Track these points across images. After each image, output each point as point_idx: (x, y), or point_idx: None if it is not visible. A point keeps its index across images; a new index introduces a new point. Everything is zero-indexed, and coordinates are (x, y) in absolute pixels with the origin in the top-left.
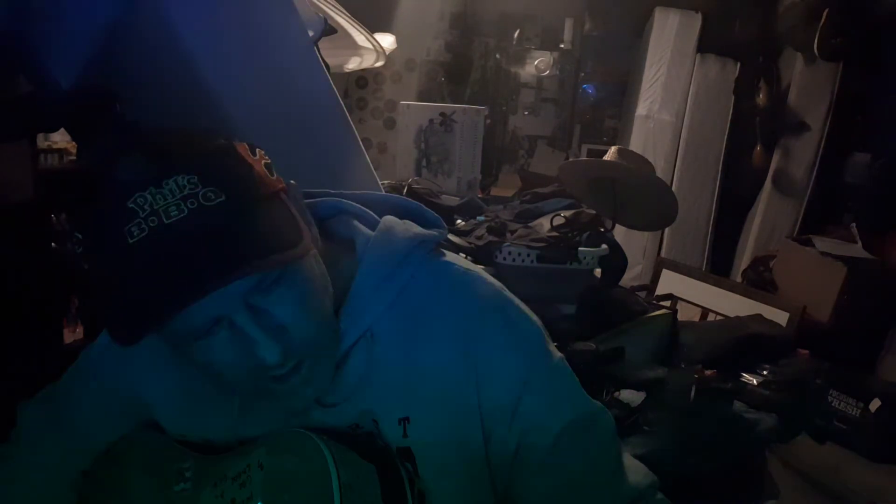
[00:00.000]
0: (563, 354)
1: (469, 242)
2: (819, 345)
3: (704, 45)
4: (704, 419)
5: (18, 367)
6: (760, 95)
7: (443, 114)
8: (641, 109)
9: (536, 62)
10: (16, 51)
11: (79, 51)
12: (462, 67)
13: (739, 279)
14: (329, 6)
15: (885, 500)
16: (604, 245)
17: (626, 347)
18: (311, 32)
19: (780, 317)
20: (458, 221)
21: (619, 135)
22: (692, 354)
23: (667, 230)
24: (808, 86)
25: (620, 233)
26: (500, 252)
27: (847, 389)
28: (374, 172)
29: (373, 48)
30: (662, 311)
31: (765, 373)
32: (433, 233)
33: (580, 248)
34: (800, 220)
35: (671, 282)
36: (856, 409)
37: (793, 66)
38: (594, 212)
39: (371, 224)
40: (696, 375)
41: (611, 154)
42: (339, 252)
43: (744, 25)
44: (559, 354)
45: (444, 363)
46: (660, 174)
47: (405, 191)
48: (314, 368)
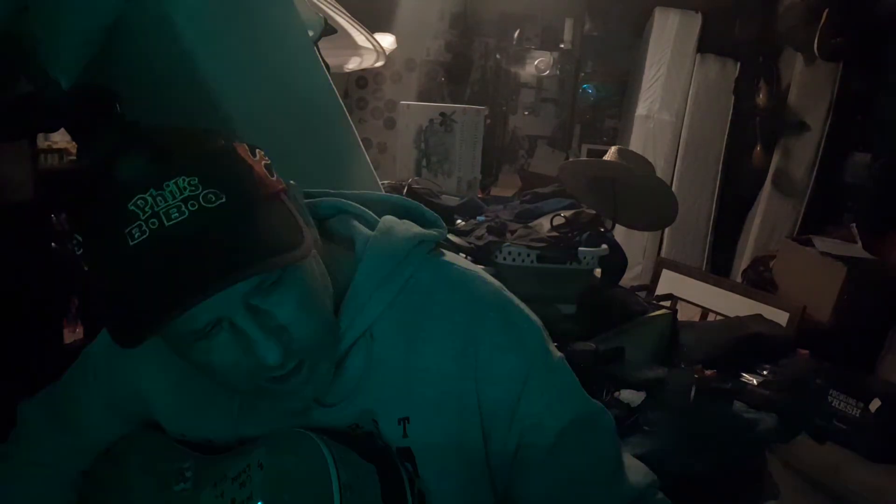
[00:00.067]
0: (563, 354)
1: (469, 242)
2: (819, 345)
3: (704, 45)
4: (704, 419)
5: (18, 367)
6: (760, 95)
7: (443, 114)
8: (641, 109)
9: (536, 62)
10: (16, 51)
11: (79, 51)
12: (462, 67)
13: (739, 279)
14: (329, 6)
15: (885, 500)
16: (604, 245)
17: (626, 347)
18: (311, 32)
19: (780, 317)
20: (458, 221)
21: (619, 135)
22: (692, 354)
23: (667, 230)
24: (808, 86)
25: (620, 233)
26: (500, 252)
27: (847, 389)
28: (374, 172)
29: (373, 48)
30: (662, 311)
31: (765, 373)
32: (433, 233)
33: (580, 248)
34: (800, 220)
35: (671, 282)
36: (856, 409)
37: (793, 66)
38: (594, 212)
39: (371, 224)
40: (696, 375)
41: (611, 154)
42: (339, 252)
43: (744, 25)
44: (559, 354)
45: (444, 363)
46: (660, 174)
47: (405, 191)
48: (314, 369)
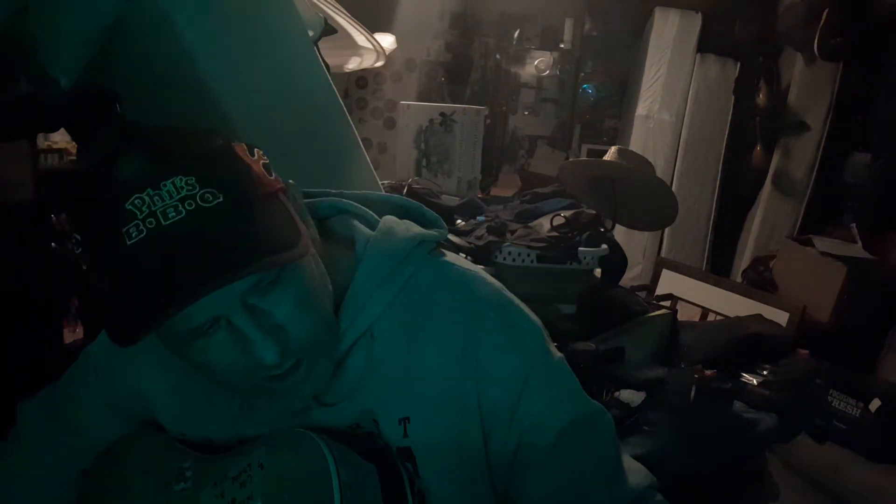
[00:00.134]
0: (563, 354)
1: (469, 242)
2: (819, 345)
3: (704, 45)
4: (704, 419)
5: (18, 367)
6: (760, 95)
7: (443, 114)
8: (641, 109)
9: (536, 62)
10: (16, 51)
11: (79, 51)
12: (462, 67)
13: (739, 279)
14: (329, 6)
15: (886, 500)
16: (604, 245)
17: (626, 347)
18: (311, 32)
19: (780, 317)
20: (458, 221)
21: (619, 135)
22: (692, 354)
23: (667, 230)
24: (808, 86)
25: (620, 233)
26: (500, 252)
27: (847, 389)
28: (374, 172)
29: (373, 48)
30: (662, 311)
31: (765, 373)
32: (433, 233)
33: (580, 248)
34: (800, 220)
35: (671, 282)
36: (856, 409)
37: (793, 66)
38: (594, 212)
39: (371, 224)
40: (696, 375)
41: (611, 154)
42: (339, 251)
43: (744, 25)
44: (559, 354)
45: (445, 363)
46: (660, 174)
47: (405, 191)
48: (312, 367)
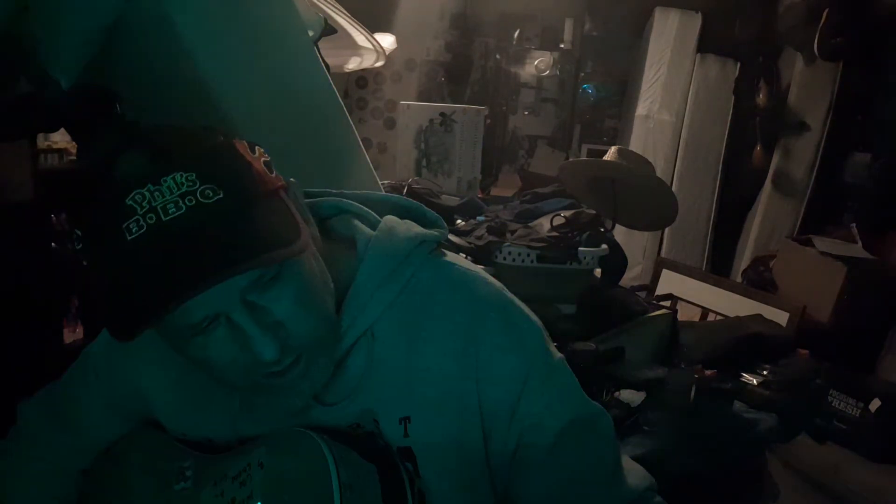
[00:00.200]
0: (563, 354)
1: (469, 242)
2: (819, 345)
3: (704, 45)
4: (704, 419)
5: (18, 367)
6: (760, 95)
7: (443, 114)
8: (641, 109)
9: (536, 62)
10: (16, 51)
11: (79, 51)
12: (462, 67)
13: (739, 279)
14: (329, 6)
15: (886, 500)
16: (604, 245)
17: (626, 347)
18: (311, 32)
19: (780, 317)
20: (458, 221)
21: (619, 135)
22: (692, 354)
23: (667, 230)
24: (808, 86)
25: (620, 233)
26: (500, 252)
27: (847, 389)
28: (374, 172)
29: (373, 48)
30: (662, 311)
31: (765, 373)
32: (434, 233)
33: (580, 248)
34: (800, 220)
35: (671, 282)
36: (856, 409)
37: (793, 66)
38: (594, 212)
39: (372, 224)
40: (696, 375)
41: (611, 154)
42: (341, 251)
43: (744, 25)
44: (559, 354)
45: (445, 363)
46: (660, 174)
47: (405, 191)
48: (312, 364)
